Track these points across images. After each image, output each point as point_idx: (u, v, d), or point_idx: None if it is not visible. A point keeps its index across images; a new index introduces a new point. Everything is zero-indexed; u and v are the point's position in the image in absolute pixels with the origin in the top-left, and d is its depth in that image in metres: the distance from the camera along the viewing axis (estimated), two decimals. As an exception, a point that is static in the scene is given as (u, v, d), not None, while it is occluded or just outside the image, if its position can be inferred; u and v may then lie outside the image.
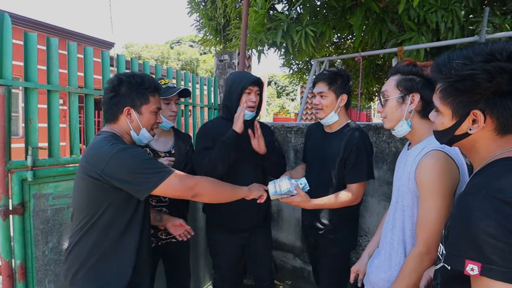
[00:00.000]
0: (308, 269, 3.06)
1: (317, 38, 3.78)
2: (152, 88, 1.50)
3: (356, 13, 3.62)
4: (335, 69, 1.91)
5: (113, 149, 1.31)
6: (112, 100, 1.45)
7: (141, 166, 1.32)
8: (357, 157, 1.82)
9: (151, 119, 1.52)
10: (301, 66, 7.25)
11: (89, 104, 2.05)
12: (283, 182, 1.79)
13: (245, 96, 2.02)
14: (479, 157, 0.93)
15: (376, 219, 2.63)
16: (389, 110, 1.42)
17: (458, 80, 0.86)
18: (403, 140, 2.50)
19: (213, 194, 1.56)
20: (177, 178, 1.38)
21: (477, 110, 0.85)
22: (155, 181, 1.33)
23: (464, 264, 0.76)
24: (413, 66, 1.38)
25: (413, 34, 3.70)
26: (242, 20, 3.27)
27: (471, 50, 0.86)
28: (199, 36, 7.07)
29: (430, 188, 1.23)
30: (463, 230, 0.78)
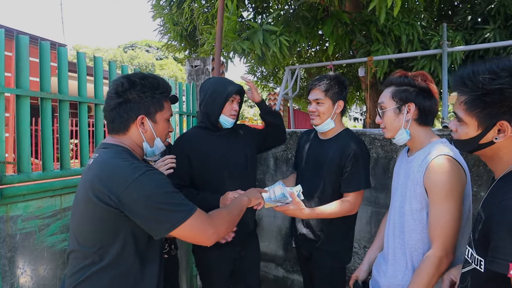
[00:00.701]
0: (291, 278, 3.03)
1: (290, 47, 3.82)
2: (167, 93, 1.32)
3: (327, 23, 3.71)
4: (332, 75, 1.89)
5: (134, 172, 1.10)
6: (122, 107, 1.22)
7: (163, 199, 1.11)
8: (354, 165, 1.79)
9: (166, 128, 1.34)
10: (265, 73, 7.32)
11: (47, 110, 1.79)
12: (277, 187, 1.72)
13: (228, 105, 1.97)
14: (502, 164, 0.98)
15: (358, 224, 2.67)
16: (387, 121, 1.48)
17: (486, 94, 0.92)
18: (382, 146, 2.58)
19: (229, 230, 1.36)
20: (199, 221, 1.17)
21: (504, 121, 0.91)
22: (174, 222, 1.12)
23: (508, 268, 0.79)
24: (405, 77, 1.44)
25: (380, 45, 3.88)
26: (217, 25, 3.20)
27: (495, 65, 0.92)
28: (161, 42, 6.86)
29: (442, 192, 1.27)
30: (506, 235, 0.82)
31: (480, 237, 0.94)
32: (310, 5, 3.94)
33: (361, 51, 4.03)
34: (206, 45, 4.30)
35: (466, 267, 1.04)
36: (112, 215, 1.12)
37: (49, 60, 1.78)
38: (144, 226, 1.14)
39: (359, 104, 9.27)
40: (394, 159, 2.53)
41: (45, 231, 1.76)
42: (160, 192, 1.11)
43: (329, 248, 1.90)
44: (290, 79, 4.22)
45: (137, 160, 1.19)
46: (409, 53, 3.62)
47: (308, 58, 6.91)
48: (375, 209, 2.62)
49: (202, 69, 3.70)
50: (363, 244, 2.69)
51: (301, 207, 1.74)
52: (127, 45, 36.60)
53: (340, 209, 1.79)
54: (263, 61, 3.95)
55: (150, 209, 1.10)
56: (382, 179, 2.58)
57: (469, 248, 1.03)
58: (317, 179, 1.90)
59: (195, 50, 6.28)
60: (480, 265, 0.95)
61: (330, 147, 1.89)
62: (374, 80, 4.75)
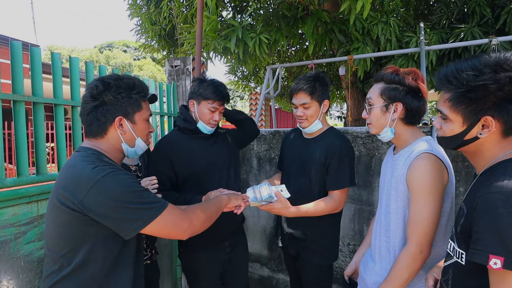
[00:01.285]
0: (276, 277, 3.03)
1: (270, 45, 3.82)
2: (144, 92, 1.30)
3: (308, 23, 3.72)
4: (312, 75, 1.87)
5: (96, 174, 1.08)
6: (99, 110, 1.20)
7: (131, 199, 1.09)
8: (339, 163, 1.79)
9: (145, 128, 1.32)
10: (246, 73, 7.29)
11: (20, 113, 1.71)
12: (263, 188, 1.71)
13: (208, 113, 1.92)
14: (484, 159, 1.01)
15: (342, 221, 2.69)
16: (373, 118, 1.47)
17: (470, 90, 0.94)
18: (365, 143, 2.61)
19: (206, 224, 1.34)
20: (171, 216, 1.17)
21: (487, 116, 0.93)
22: (144, 219, 1.11)
23: (488, 259, 0.82)
24: (396, 75, 1.42)
25: (359, 44, 3.93)
26: (197, 24, 3.15)
27: (477, 61, 0.95)
28: (139, 42, 6.72)
29: (422, 189, 1.28)
30: (487, 227, 0.85)
31: (462, 231, 0.97)
32: (290, 4, 3.95)
33: (341, 50, 4.07)
34: (186, 44, 4.24)
35: (448, 261, 1.07)
36: (76, 220, 1.10)
37: (21, 61, 1.69)
38: (113, 227, 1.12)
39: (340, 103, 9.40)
40: (376, 156, 2.56)
41: (21, 239, 1.68)
42: (127, 191, 1.09)
43: (316, 247, 1.90)
44: (272, 78, 4.22)
45: (105, 163, 1.16)
46: (387, 52, 3.67)
47: (289, 57, 6.94)
48: (358, 206, 2.65)
49: (183, 69, 3.64)
50: (346, 242, 2.72)
51: (287, 206, 1.73)
52: (103, 46, 35.74)
53: (325, 207, 1.79)
54: (243, 60, 3.93)
55: (118, 209, 1.08)
56: (365, 177, 2.61)
57: (451, 241, 1.05)
58: (303, 178, 1.90)
59: (174, 50, 6.18)
60: (462, 258, 0.97)
61: (316, 146, 1.88)
62: (354, 78, 4.81)
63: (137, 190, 1.12)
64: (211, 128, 1.94)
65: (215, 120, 1.93)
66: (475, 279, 0.94)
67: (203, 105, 1.91)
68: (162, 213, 1.14)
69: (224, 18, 4.31)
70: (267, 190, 1.69)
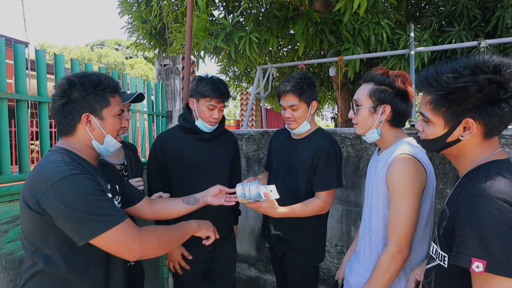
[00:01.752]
0: (264, 278, 3.02)
1: (261, 45, 3.81)
2: (111, 88, 1.28)
3: (298, 23, 3.73)
4: (298, 76, 1.85)
5: (55, 176, 1.07)
6: (65, 108, 1.20)
7: (81, 207, 1.06)
8: (326, 164, 1.79)
9: (116, 124, 1.30)
10: (238, 73, 7.29)
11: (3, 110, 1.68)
12: (253, 186, 1.68)
13: (207, 111, 1.90)
14: (466, 161, 1.01)
15: (330, 222, 2.70)
16: (360, 119, 1.47)
17: (451, 92, 0.94)
18: (353, 144, 2.62)
19: (160, 251, 1.29)
20: (122, 234, 1.12)
21: (468, 118, 0.94)
22: (91, 231, 1.07)
23: (471, 262, 0.82)
24: (386, 77, 1.42)
25: (350, 45, 3.95)
26: (186, 23, 3.14)
27: (457, 64, 0.95)
28: (131, 40, 6.67)
29: (400, 190, 1.29)
30: (470, 230, 0.85)
31: (445, 234, 0.97)
32: (280, 4, 3.95)
33: (331, 51, 4.08)
34: (176, 43, 4.22)
35: (430, 263, 1.07)
36: (38, 220, 1.10)
37: (4, 58, 1.67)
38: (66, 232, 1.10)
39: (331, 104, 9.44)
40: (364, 158, 2.57)
41: (2, 238, 1.65)
42: (80, 198, 1.07)
43: (302, 247, 1.90)
44: (262, 78, 4.21)
45: (72, 163, 1.15)
46: (378, 53, 3.70)
47: (280, 57, 6.95)
48: (346, 207, 2.66)
49: (172, 68, 3.62)
50: (334, 243, 2.73)
51: (274, 206, 1.71)
52: (95, 43, 35.41)
53: (311, 208, 1.78)
54: (234, 60, 3.92)
55: (67, 216, 1.06)
56: (353, 178, 2.62)
57: (434, 244, 1.05)
58: (290, 178, 1.89)
59: (165, 49, 6.15)
60: (444, 260, 0.97)
61: (303, 146, 1.87)
62: (345, 79, 4.83)
63: (93, 199, 1.09)
64: (210, 126, 1.92)
65: (214, 118, 1.90)
66: (458, 282, 0.94)
67: (201, 103, 1.88)
68: (113, 228, 1.09)
69: (216, 18, 4.29)
70: (256, 189, 1.67)
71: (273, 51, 6.26)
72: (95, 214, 1.08)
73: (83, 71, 1.29)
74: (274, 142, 2.10)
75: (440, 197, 2.30)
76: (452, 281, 0.97)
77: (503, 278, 0.80)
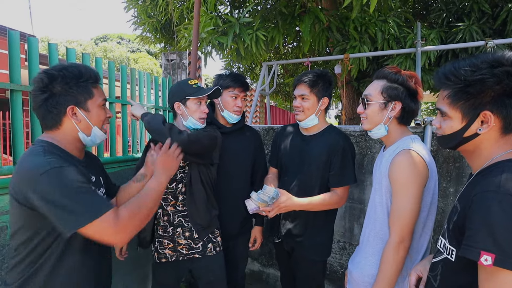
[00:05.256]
0: (266, 272, 3.05)
1: (267, 42, 3.81)
2: (93, 79, 1.29)
3: (305, 20, 3.72)
4: (318, 71, 1.91)
5: (37, 170, 1.08)
6: (49, 102, 1.21)
7: (63, 200, 1.08)
8: (342, 160, 1.84)
9: (101, 114, 1.32)
10: (242, 69, 7.28)
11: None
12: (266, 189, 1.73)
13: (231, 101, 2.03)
14: (481, 158, 1.02)
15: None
16: (370, 114, 1.50)
17: (469, 85, 0.95)
18: (357, 142, 2.63)
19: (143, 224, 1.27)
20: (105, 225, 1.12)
21: (486, 111, 0.95)
22: (74, 224, 1.08)
23: (479, 255, 0.84)
24: (399, 75, 1.46)
25: (356, 43, 3.94)
26: (193, 20, 3.14)
27: (475, 59, 0.97)
28: (135, 34, 6.68)
29: (402, 183, 1.34)
30: (480, 224, 0.86)
31: (455, 228, 0.98)
32: (287, 1, 3.94)
33: (337, 49, 4.07)
34: (183, 41, 4.22)
35: (437, 257, 1.09)
36: (23, 211, 1.13)
37: (18, 51, 1.69)
38: (54, 223, 1.12)
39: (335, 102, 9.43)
40: (368, 155, 2.59)
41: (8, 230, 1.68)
42: (63, 191, 1.09)
43: (312, 242, 1.94)
44: (268, 75, 4.22)
45: (54, 155, 1.15)
46: (384, 52, 3.69)
47: (285, 54, 6.94)
48: (349, 204, 2.68)
49: (178, 63, 3.64)
50: (336, 239, 2.75)
51: (291, 197, 1.78)
52: (99, 38, 35.41)
53: (329, 201, 1.84)
54: (240, 57, 3.92)
55: (51, 207, 1.08)
56: (357, 175, 2.62)
57: (442, 238, 1.07)
58: (302, 175, 1.92)
59: (170, 43, 6.15)
60: (452, 254, 0.99)
61: (316, 143, 1.91)
62: (349, 77, 4.82)
63: (75, 191, 1.10)
64: (236, 116, 2.05)
65: (238, 107, 2.03)
66: (464, 276, 0.96)
67: (225, 94, 2.02)
68: (96, 220, 1.10)
69: (222, 13, 4.29)
70: (270, 189, 1.73)
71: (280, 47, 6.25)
72: (80, 205, 1.10)
73: (60, 64, 1.28)
74: (281, 137, 2.11)
75: (443, 196, 2.31)
76: (458, 275, 0.99)
77: (510, 273, 0.81)
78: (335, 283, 2.77)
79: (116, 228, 1.14)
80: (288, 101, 8.87)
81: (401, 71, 1.48)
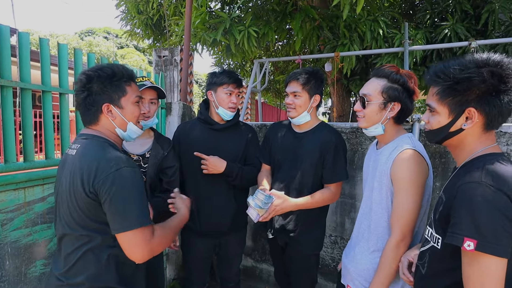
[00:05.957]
0: (260, 267, 3.10)
1: (259, 39, 3.84)
2: (126, 77, 1.37)
3: (296, 18, 3.77)
4: (310, 69, 1.94)
5: (112, 166, 1.19)
6: (87, 100, 1.32)
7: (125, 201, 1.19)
8: (335, 157, 1.88)
9: (135, 111, 1.40)
10: (232, 66, 7.28)
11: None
12: (259, 194, 1.78)
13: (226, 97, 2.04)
14: (464, 152, 1.11)
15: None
16: (369, 113, 1.51)
17: (457, 82, 1.03)
18: (348, 139, 2.69)
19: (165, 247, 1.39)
20: (140, 238, 1.20)
21: (471, 108, 1.03)
22: (125, 226, 1.19)
23: (463, 241, 0.92)
24: (400, 76, 1.46)
25: (346, 41, 4.00)
26: (185, 16, 3.15)
27: (463, 60, 1.05)
28: (122, 29, 6.60)
29: (405, 183, 1.37)
30: (464, 213, 0.94)
31: (440, 218, 1.06)
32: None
33: (328, 47, 4.13)
34: (174, 36, 4.21)
35: (425, 246, 1.17)
36: (92, 204, 1.21)
37: (9, 46, 1.68)
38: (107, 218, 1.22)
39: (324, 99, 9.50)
40: (359, 151, 2.65)
41: (8, 226, 1.68)
42: (133, 191, 1.21)
43: (306, 237, 1.98)
44: (259, 72, 4.25)
45: (118, 152, 1.27)
46: (373, 50, 3.76)
47: (276, 52, 6.97)
48: (341, 199, 2.74)
49: (170, 59, 3.63)
50: (328, 233, 2.81)
51: (286, 198, 1.82)
52: (83, 32, 34.74)
53: (324, 198, 1.89)
54: (231, 53, 3.94)
55: (115, 204, 1.18)
56: (348, 171, 2.68)
57: (429, 228, 1.15)
58: (295, 171, 1.95)
59: (160, 39, 6.11)
60: (438, 242, 1.07)
61: (309, 140, 1.94)
62: (339, 75, 4.89)
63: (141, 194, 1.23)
64: (231, 113, 2.06)
65: (233, 103, 2.05)
66: (450, 263, 1.04)
67: (219, 91, 2.04)
68: (140, 229, 1.20)
69: (213, 9, 4.30)
70: (263, 194, 1.77)
71: (271, 44, 6.27)
72: (135, 210, 1.20)
73: (97, 65, 1.38)
74: (273, 134, 2.13)
75: (431, 191, 2.39)
76: (444, 262, 1.07)
77: (491, 257, 0.90)
78: (327, 276, 2.83)
79: (150, 245, 1.23)
80: (278, 99, 8.91)
81: (400, 71, 1.48)
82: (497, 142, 2.14)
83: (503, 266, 0.91)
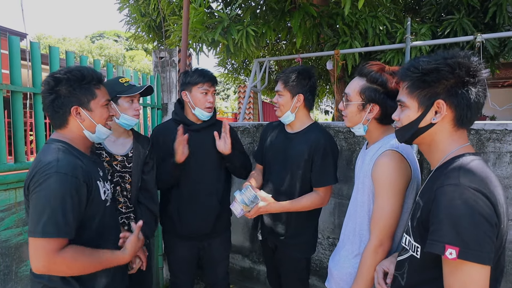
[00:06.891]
0: (257, 269, 3.07)
1: (258, 38, 3.81)
2: (95, 81, 1.37)
3: (295, 16, 3.73)
4: (298, 67, 1.89)
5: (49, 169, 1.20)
6: (55, 103, 1.31)
7: (44, 207, 1.17)
8: (323, 160, 1.81)
9: (104, 113, 1.41)
10: (236, 66, 7.28)
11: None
12: (247, 190, 1.74)
13: (202, 97, 1.99)
14: (438, 152, 1.06)
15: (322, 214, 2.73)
16: (349, 113, 1.48)
17: (425, 74, 1.01)
18: (346, 138, 2.64)
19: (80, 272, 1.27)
20: (43, 249, 1.15)
21: (440, 100, 1.00)
22: (30, 231, 1.18)
23: (444, 249, 0.86)
24: (380, 75, 1.40)
25: (347, 38, 3.94)
26: (183, 16, 3.15)
27: (435, 55, 1.02)
28: (129, 32, 6.66)
29: (384, 186, 1.31)
30: (444, 218, 0.88)
31: (419, 224, 1.00)
32: (278, -3, 3.94)
33: (328, 44, 4.07)
34: (173, 36, 4.22)
35: (403, 255, 1.10)
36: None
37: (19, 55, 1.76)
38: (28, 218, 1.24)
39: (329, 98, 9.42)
40: (357, 151, 2.60)
41: (-2, 226, 1.70)
42: (47, 199, 1.18)
43: (295, 241, 1.93)
44: (259, 71, 4.23)
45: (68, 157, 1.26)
46: (374, 47, 3.70)
47: (279, 50, 6.94)
48: (338, 200, 2.69)
49: (168, 60, 3.63)
50: (326, 235, 2.77)
51: (271, 201, 1.78)
52: (95, 35, 35.27)
53: (311, 202, 1.83)
54: (231, 53, 3.93)
55: (31, 207, 1.20)
56: (345, 171, 2.65)
57: (407, 235, 1.08)
58: (285, 173, 1.90)
59: (163, 42, 6.15)
60: (417, 251, 1.01)
61: (298, 141, 1.88)
62: (342, 73, 4.83)
63: (53, 204, 1.18)
64: (207, 113, 2.01)
65: (210, 102, 2.01)
66: (430, 273, 0.98)
67: (194, 91, 1.99)
68: (40, 239, 1.16)
69: (213, 10, 4.29)
70: (251, 192, 1.73)
71: (270, 44, 6.24)
72: (51, 218, 1.16)
73: (66, 68, 1.38)
74: (267, 134, 2.09)
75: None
76: (424, 272, 1.01)
77: (474, 265, 0.84)
78: (324, 279, 2.79)
79: (51, 260, 1.17)
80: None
81: (385, 68, 1.42)
82: (504, 141, 2.07)
83: (486, 274, 0.85)
